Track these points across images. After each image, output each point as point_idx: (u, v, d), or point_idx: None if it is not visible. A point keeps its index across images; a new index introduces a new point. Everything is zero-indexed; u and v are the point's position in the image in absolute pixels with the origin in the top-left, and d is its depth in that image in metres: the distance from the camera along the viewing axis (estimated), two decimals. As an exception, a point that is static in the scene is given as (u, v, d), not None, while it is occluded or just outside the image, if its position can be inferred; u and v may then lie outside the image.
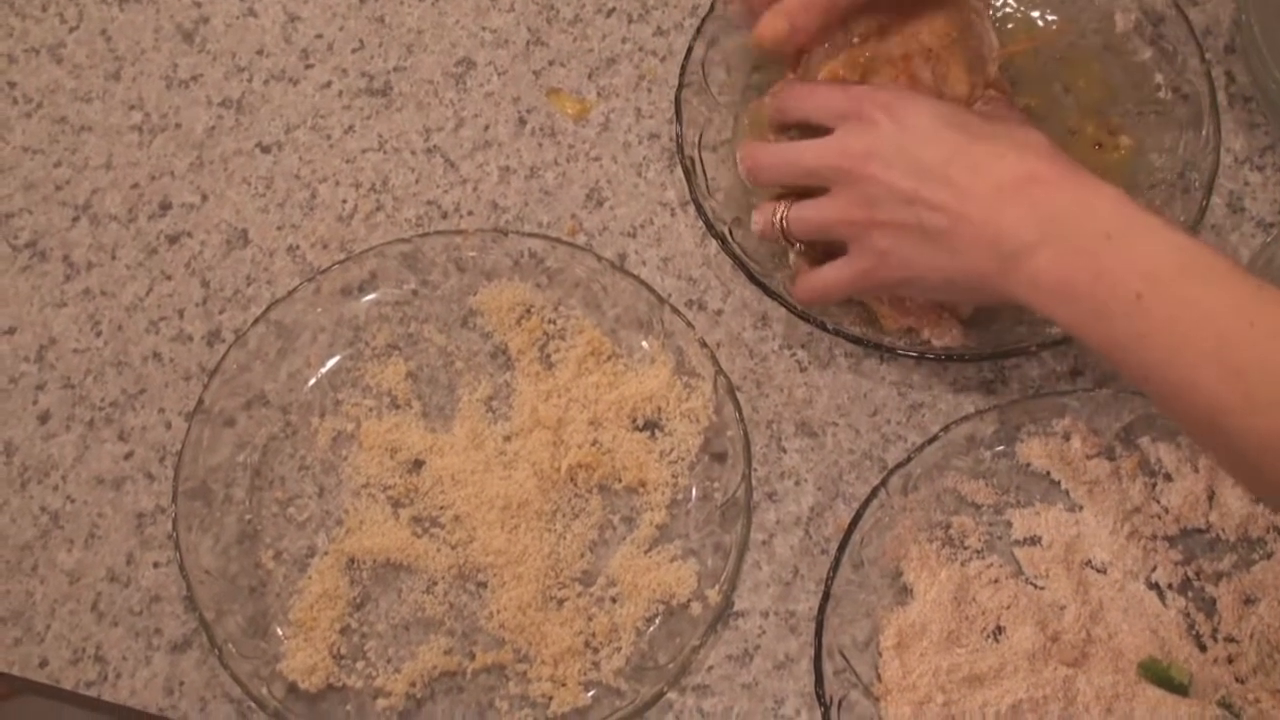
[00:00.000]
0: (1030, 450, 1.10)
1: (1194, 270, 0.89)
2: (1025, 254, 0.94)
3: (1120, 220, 0.92)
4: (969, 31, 1.10)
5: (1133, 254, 0.90)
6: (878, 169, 1.00)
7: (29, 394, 1.21)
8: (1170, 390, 0.89)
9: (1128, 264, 0.90)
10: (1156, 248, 0.90)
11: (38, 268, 1.26)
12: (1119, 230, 0.91)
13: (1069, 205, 0.94)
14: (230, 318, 1.22)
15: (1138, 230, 0.92)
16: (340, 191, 1.26)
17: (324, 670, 1.07)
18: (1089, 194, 0.94)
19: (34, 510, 1.16)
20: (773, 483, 1.12)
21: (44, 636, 1.12)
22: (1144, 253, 0.90)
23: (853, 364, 1.16)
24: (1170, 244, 0.91)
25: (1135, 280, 0.89)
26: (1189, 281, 0.89)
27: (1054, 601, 1.05)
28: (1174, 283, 0.89)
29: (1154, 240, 0.91)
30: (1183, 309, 0.88)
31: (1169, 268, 0.89)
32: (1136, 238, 0.91)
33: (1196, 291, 0.88)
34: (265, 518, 1.13)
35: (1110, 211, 0.93)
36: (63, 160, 1.30)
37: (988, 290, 0.98)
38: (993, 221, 0.95)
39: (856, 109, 1.03)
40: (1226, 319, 0.87)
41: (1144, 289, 0.89)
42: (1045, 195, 0.95)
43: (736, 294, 1.19)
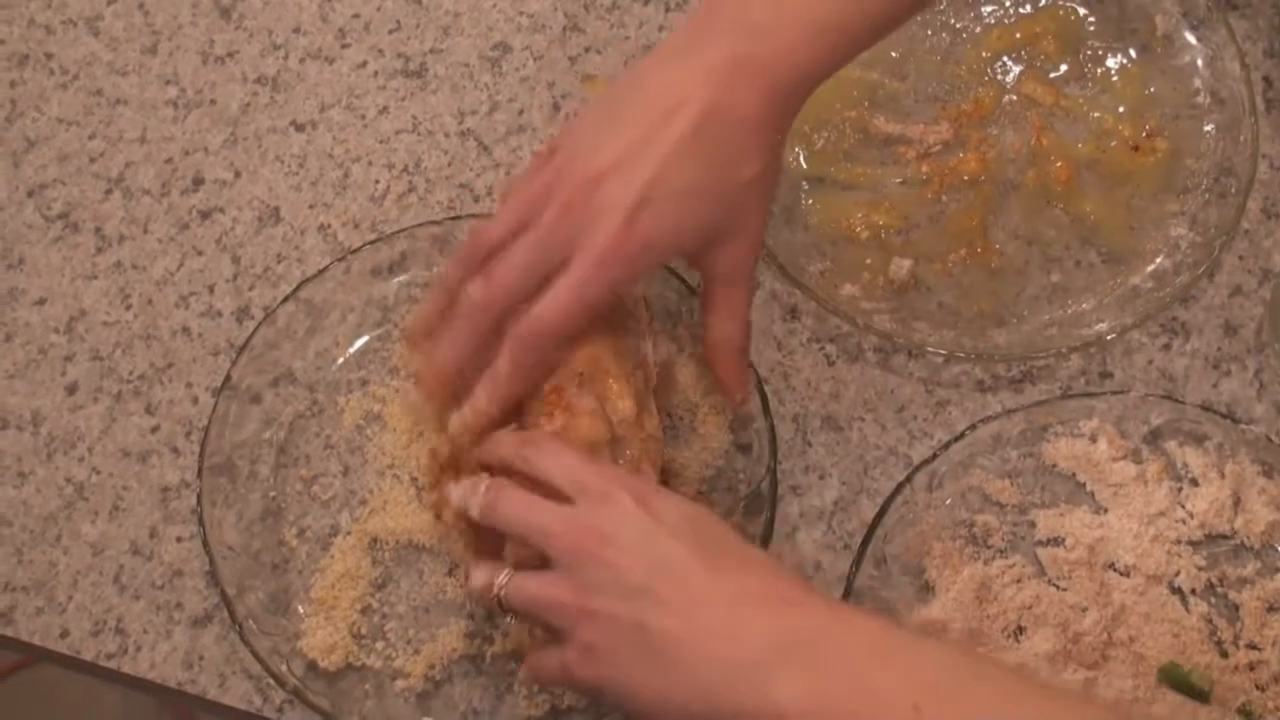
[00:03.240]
0: (1056, 451, 1.09)
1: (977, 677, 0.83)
2: (770, 672, 0.82)
3: (888, 638, 0.85)
4: (622, 345, 1.04)
5: (907, 667, 0.82)
6: (612, 554, 0.88)
7: (58, 365, 1.21)
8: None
9: (901, 678, 0.81)
10: (933, 659, 0.84)
11: (70, 239, 1.26)
12: (888, 647, 0.84)
13: (824, 625, 0.84)
14: (260, 295, 1.22)
15: (909, 646, 0.85)
16: (373, 172, 1.27)
17: (343, 649, 1.07)
18: (848, 615, 0.88)
19: (59, 481, 1.17)
20: (797, 476, 1.12)
21: (66, 607, 1.13)
22: (920, 664, 0.83)
23: (881, 359, 1.16)
24: (945, 656, 0.85)
25: (911, 693, 0.80)
26: (974, 688, 0.81)
27: (1076, 603, 1.05)
28: (957, 690, 0.81)
29: (929, 654, 0.85)
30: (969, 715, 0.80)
31: (948, 678, 0.82)
32: (910, 652, 0.84)
33: (984, 692, 0.81)
34: (289, 495, 1.13)
35: (876, 630, 0.86)
36: (97, 133, 1.31)
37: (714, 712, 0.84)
38: (732, 633, 0.84)
39: (605, 488, 0.92)
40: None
41: (922, 701, 0.79)
42: (796, 614, 0.85)
43: (766, 286, 1.19)
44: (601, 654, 0.88)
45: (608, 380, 1.01)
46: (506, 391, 0.99)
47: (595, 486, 0.92)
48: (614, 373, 1.01)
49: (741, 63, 0.96)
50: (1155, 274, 1.15)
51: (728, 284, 1.03)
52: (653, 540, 0.88)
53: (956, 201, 1.20)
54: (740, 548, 0.91)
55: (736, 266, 1.02)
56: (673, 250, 0.99)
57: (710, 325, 1.04)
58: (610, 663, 0.88)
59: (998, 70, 1.24)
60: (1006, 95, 1.23)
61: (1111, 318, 1.12)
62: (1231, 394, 1.13)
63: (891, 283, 1.16)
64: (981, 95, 1.23)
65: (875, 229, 1.19)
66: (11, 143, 1.31)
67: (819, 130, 1.22)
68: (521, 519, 0.94)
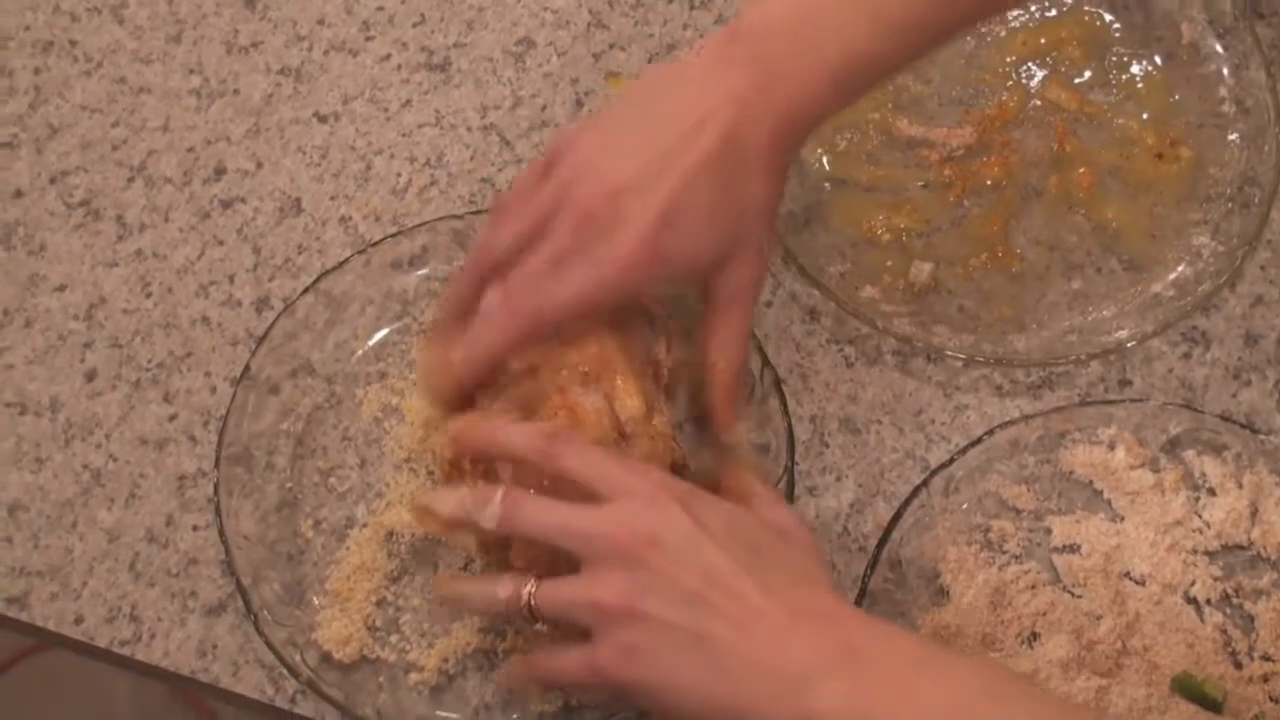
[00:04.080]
0: (1074, 458, 1.09)
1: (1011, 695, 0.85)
2: (813, 684, 0.84)
3: (929, 652, 0.88)
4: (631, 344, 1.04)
5: (946, 680, 0.84)
6: (661, 557, 0.88)
7: (77, 352, 1.21)
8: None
9: (940, 689, 0.84)
10: (970, 674, 0.86)
11: (91, 226, 1.26)
12: (928, 661, 0.86)
13: (868, 639, 0.86)
14: (280, 285, 1.22)
15: (948, 661, 0.88)
16: (395, 165, 1.27)
17: (358, 641, 1.07)
18: (887, 629, 0.90)
19: (76, 467, 1.17)
20: (814, 477, 1.12)
21: (80, 593, 1.13)
22: (958, 678, 0.85)
23: (900, 362, 1.16)
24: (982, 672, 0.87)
25: (948, 704, 0.83)
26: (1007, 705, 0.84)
27: (1090, 611, 1.05)
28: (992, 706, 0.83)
29: (966, 669, 0.87)
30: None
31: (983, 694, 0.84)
32: (948, 667, 0.86)
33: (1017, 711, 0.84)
34: (306, 487, 1.13)
35: (916, 645, 0.89)
36: (120, 120, 1.31)
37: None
38: (782, 644, 0.85)
39: (649, 491, 0.92)
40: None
41: (957, 712, 0.83)
42: (843, 629, 0.87)
43: (786, 287, 1.19)
44: (644, 656, 0.88)
45: (614, 379, 1.01)
46: (484, 349, 1.00)
47: (639, 489, 0.92)
48: (621, 371, 1.02)
49: (758, 93, 0.98)
50: (1176, 282, 1.15)
51: (730, 305, 1.03)
52: (702, 548, 0.89)
53: (978, 205, 1.20)
54: (781, 557, 0.92)
55: (741, 288, 1.03)
56: (688, 266, 1.00)
57: (711, 347, 1.04)
58: (652, 665, 0.88)
59: (1022, 75, 1.24)
60: (1030, 100, 1.23)
61: (1132, 325, 1.12)
62: (1251, 404, 1.12)
63: (912, 286, 1.17)
64: (1005, 100, 1.23)
65: (896, 231, 1.19)
66: (34, 129, 1.31)
67: (842, 132, 1.22)
68: (554, 524, 0.93)
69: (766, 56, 0.99)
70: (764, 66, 0.99)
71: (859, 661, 0.84)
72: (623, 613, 0.88)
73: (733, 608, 0.86)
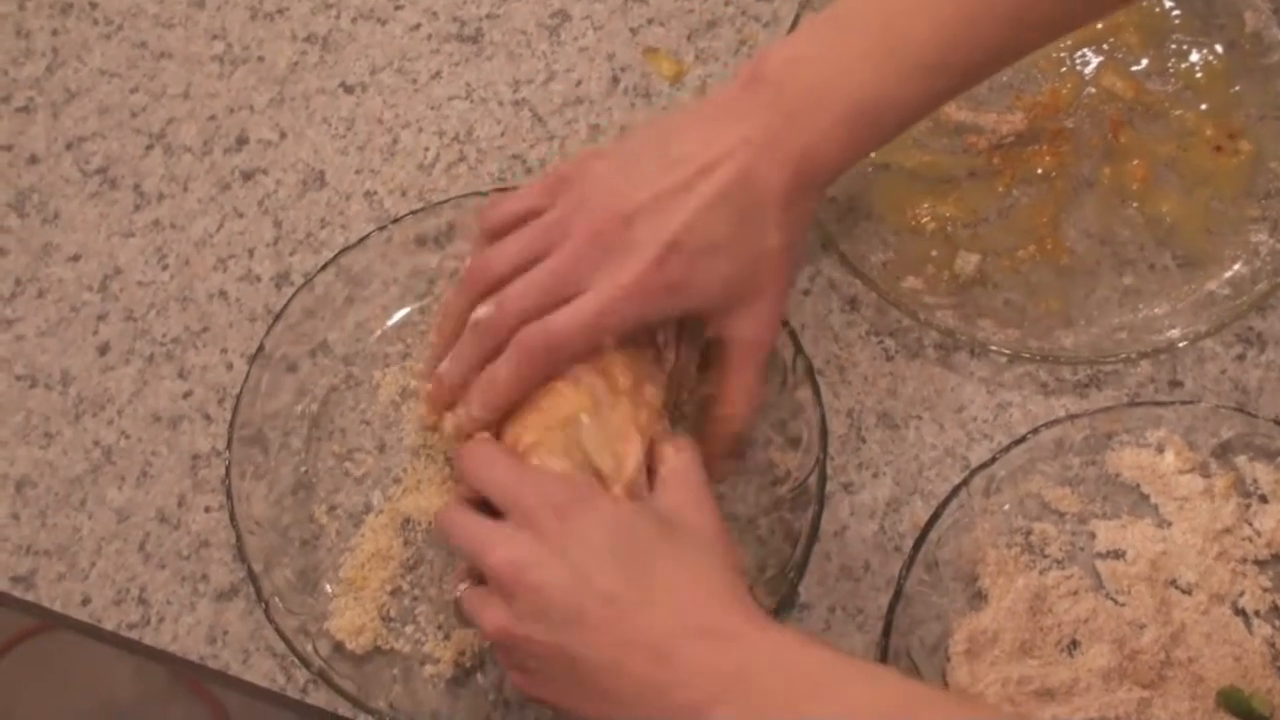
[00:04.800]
0: (1121, 460, 1.09)
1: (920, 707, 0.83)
2: (701, 712, 0.83)
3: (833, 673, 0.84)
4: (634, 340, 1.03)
5: (846, 705, 0.82)
6: (536, 579, 0.89)
7: (90, 324, 1.22)
8: None
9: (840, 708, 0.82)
10: (872, 689, 0.83)
11: (107, 195, 1.27)
12: (830, 683, 0.84)
13: (764, 659, 0.84)
14: (301, 260, 1.22)
15: (855, 682, 0.84)
16: (423, 139, 1.27)
17: (372, 631, 1.07)
18: (792, 647, 0.86)
19: (86, 444, 1.17)
20: (850, 473, 1.12)
21: (88, 574, 1.13)
22: (862, 703, 0.82)
23: (942, 356, 1.15)
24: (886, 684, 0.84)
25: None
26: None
27: (1134, 619, 1.04)
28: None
29: (869, 683, 0.84)
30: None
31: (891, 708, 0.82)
32: (852, 689, 0.83)
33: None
34: (321, 470, 1.14)
35: (822, 664, 0.85)
36: (140, 86, 1.31)
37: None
38: (666, 669, 0.85)
39: (529, 505, 0.92)
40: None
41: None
42: (735, 649, 0.85)
43: (825, 275, 1.18)
44: (541, 678, 0.91)
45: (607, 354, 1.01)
46: (502, 399, 1.00)
47: (521, 503, 0.92)
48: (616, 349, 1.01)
49: (774, 140, 0.98)
50: (1232, 281, 1.14)
51: (743, 354, 1.03)
52: (579, 566, 0.88)
53: (1028, 195, 1.19)
54: (676, 567, 0.90)
55: (754, 337, 1.02)
56: (697, 297, 1.00)
57: (719, 399, 1.04)
58: (551, 687, 0.90)
59: (1077, 61, 1.23)
60: (1085, 87, 1.22)
61: (1184, 324, 1.12)
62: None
63: (956, 277, 1.16)
64: (1059, 86, 1.22)
65: (942, 220, 1.18)
66: (51, 93, 1.32)
67: (888, 116, 1.22)
68: (459, 539, 0.95)
69: (782, 101, 0.99)
70: (779, 111, 0.99)
71: (748, 686, 0.83)
72: (504, 637, 0.91)
73: (608, 630, 0.86)
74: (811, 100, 0.99)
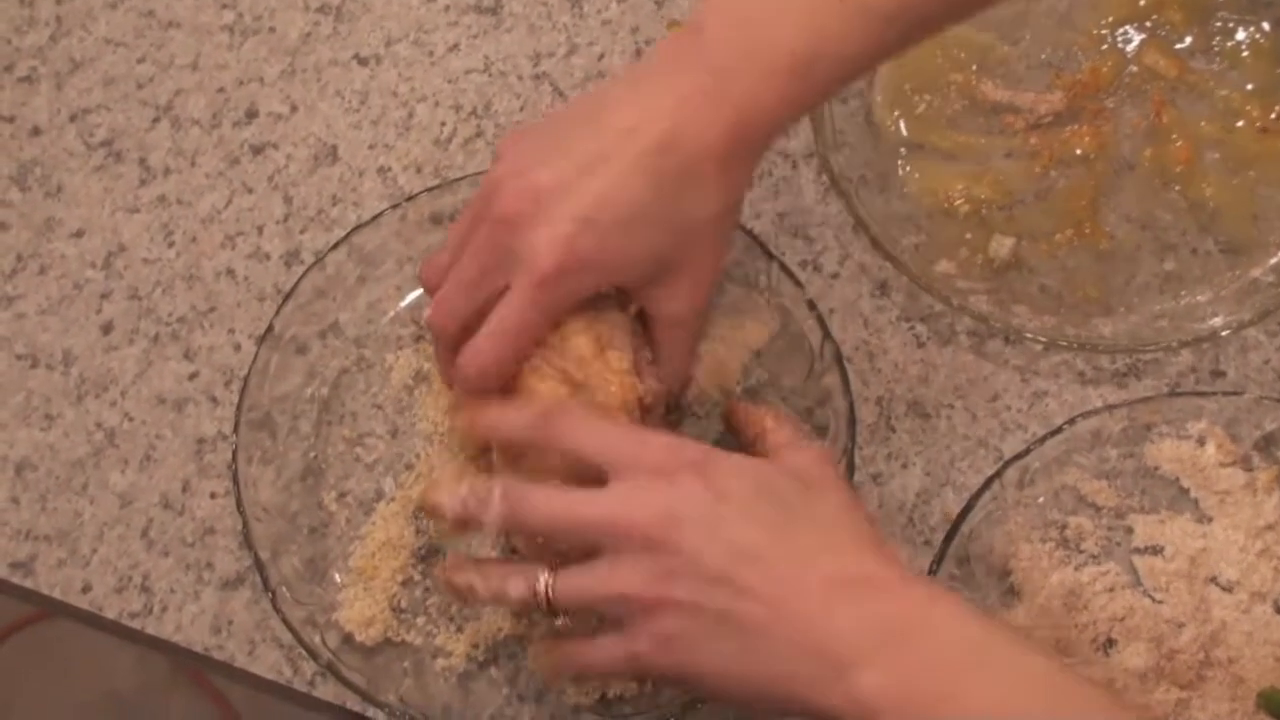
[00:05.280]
0: (1160, 453, 1.08)
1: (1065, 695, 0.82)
2: (854, 666, 0.82)
3: (988, 640, 0.84)
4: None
5: (1002, 679, 0.82)
6: (682, 538, 0.86)
7: (93, 302, 1.21)
8: None
9: (994, 689, 0.81)
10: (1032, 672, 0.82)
11: (112, 169, 1.26)
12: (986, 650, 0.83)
13: (918, 615, 0.84)
14: (311, 238, 1.22)
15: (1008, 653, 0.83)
16: (439, 113, 1.26)
17: (382, 623, 1.07)
18: (945, 605, 0.85)
19: (89, 426, 1.17)
20: (878, 463, 1.11)
21: (89, 560, 1.13)
22: (1017, 678, 0.82)
23: (975, 344, 1.15)
24: (1045, 671, 0.83)
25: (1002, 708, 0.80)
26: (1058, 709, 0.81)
27: (1172, 618, 1.04)
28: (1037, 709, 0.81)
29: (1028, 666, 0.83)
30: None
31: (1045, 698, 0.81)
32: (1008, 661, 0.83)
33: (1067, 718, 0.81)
34: (331, 456, 1.13)
35: (975, 628, 0.84)
36: (147, 56, 1.31)
37: (791, 703, 0.85)
38: (820, 623, 0.84)
39: (659, 462, 0.90)
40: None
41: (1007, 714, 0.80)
42: (881, 601, 0.85)
43: (855, 258, 1.18)
44: (682, 642, 0.87)
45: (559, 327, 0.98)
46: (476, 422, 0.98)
47: (648, 460, 0.90)
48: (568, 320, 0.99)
49: (710, 96, 0.95)
50: (1277, 267, 1.14)
51: (669, 327, 1.01)
52: (724, 522, 0.87)
53: (1066, 178, 1.19)
54: (816, 516, 0.90)
55: (680, 309, 1.00)
56: (614, 275, 0.97)
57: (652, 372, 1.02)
58: (691, 651, 0.87)
59: (1118, 38, 1.23)
60: (1127, 66, 1.22)
61: (1227, 312, 1.11)
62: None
63: (991, 262, 1.16)
64: (1099, 64, 1.21)
65: (976, 203, 1.18)
66: (55, 62, 1.32)
67: (921, 93, 1.21)
68: (562, 516, 0.91)
69: (716, 54, 0.95)
70: (714, 66, 0.95)
71: (906, 643, 0.83)
72: (652, 602, 0.87)
73: (765, 584, 0.85)
74: (748, 51, 0.95)
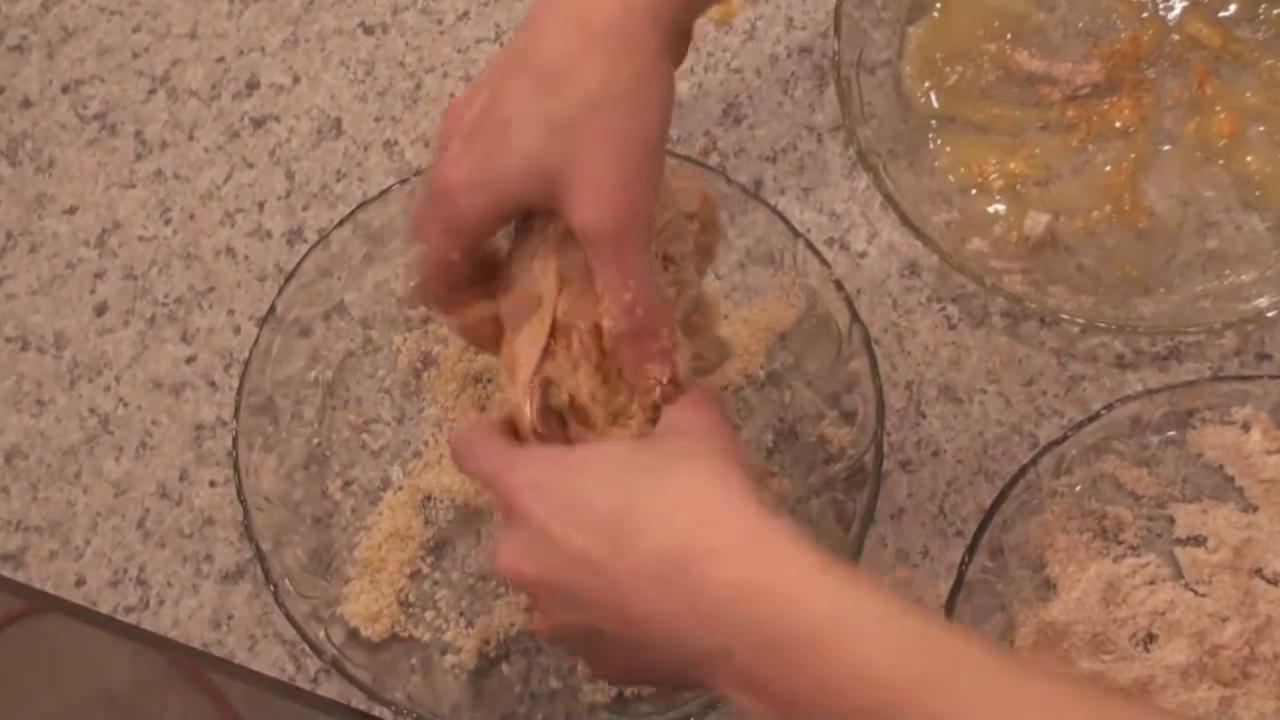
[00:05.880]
0: (1203, 439, 1.08)
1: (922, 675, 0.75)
2: (712, 657, 0.79)
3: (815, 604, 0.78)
4: None
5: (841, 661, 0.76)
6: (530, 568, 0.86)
7: (86, 282, 1.21)
8: None
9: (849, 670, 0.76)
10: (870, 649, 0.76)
11: (106, 142, 1.26)
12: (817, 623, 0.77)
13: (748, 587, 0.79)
14: (315, 215, 1.22)
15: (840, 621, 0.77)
16: (448, 84, 1.26)
17: (389, 618, 1.07)
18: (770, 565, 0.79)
19: (82, 411, 1.17)
20: (908, 450, 1.11)
21: (83, 552, 1.13)
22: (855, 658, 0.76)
23: (1009, 325, 1.15)
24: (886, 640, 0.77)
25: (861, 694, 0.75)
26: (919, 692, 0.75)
27: (1216, 612, 1.04)
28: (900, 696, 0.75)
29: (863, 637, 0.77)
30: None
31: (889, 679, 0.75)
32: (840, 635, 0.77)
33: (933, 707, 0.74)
34: (336, 442, 1.13)
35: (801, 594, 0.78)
36: (142, 25, 1.31)
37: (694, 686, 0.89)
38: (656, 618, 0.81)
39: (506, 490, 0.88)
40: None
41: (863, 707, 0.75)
42: (713, 575, 0.79)
43: (884, 236, 1.18)
44: (596, 656, 0.89)
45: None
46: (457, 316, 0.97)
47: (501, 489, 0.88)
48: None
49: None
50: (1326, 245, 1.13)
51: (586, 246, 0.91)
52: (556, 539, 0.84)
53: (1104, 152, 1.19)
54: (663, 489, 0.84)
55: (586, 220, 0.89)
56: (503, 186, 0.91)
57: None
58: (606, 659, 0.88)
59: (1160, 6, 1.22)
60: (1168, 35, 1.21)
61: (1274, 292, 1.11)
62: (1406, 386, 1.11)
63: (1026, 239, 1.16)
64: (1140, 33, 1.21)
65: (1010, 178, 1.18)
66: (47, 31, 1.31)
67: (953, 64, 1.21)
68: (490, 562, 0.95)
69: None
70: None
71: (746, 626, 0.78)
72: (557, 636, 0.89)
73: (608, 591, 0.82)
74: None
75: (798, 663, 0.76)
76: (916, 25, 1.20)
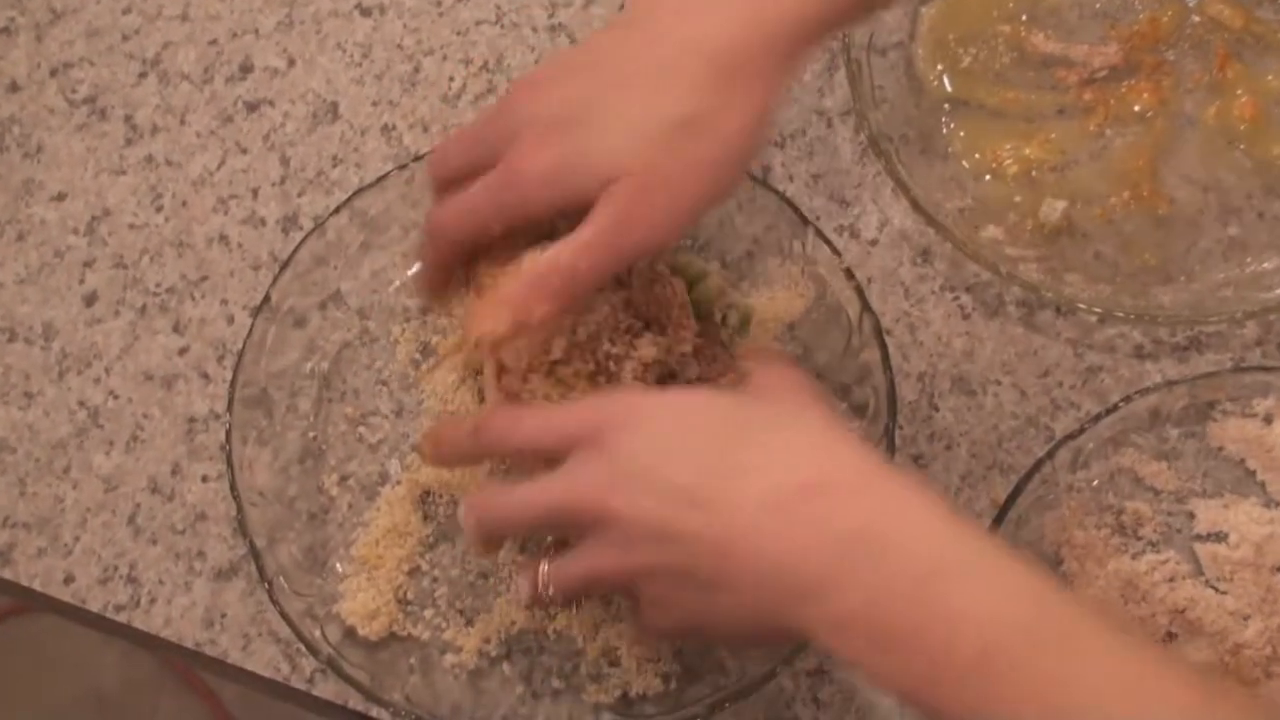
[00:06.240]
0: (1224, 432, 1.08)
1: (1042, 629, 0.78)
2: (821, 593, 0.80)
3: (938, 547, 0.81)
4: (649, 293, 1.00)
5: (962, 601, 0.78)
6: (620, 502, 0.86)
7: (75, 271, 1.21)
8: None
9: (957, 615, 0.78)
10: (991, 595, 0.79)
11: (95, 127, 1.26)
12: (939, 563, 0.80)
13: (870, 525, 0.81)
14: (310, 202, 1.22)
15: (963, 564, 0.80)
16: (447, 67, 1.26)
17: (387, 616, 1.07)
18: (893, 506, 0.82)
19: (71, 404, 1.17)
20: (920, 444, 1.11)
21: (72, 549, 1.13)
22: (975, 600, 0.79)
23: (1024, 315, 1.14)
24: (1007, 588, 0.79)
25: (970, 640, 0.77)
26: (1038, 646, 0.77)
27: (1237, 610, 1.04)
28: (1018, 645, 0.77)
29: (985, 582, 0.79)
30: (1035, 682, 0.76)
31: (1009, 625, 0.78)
32: (963, 577, 0.79)
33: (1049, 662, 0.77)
34: (332, 436, 1.13)
35: (924, 535, 0.81)
36: (133, 7, 1.31)
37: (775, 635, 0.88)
38: (767, 551, 0.82)
39: (582, 431, 0.89)
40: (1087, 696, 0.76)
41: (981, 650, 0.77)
42: (835, 511, 0.82)
43: (896, 223, 1.18)
44: (666, 602, 0.88)
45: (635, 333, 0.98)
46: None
47: (575, 432, 0.89)
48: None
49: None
50: (1351, 232, 1.13)
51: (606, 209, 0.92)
52: (657, 470, 0.86)
53: (1122, 136, 1.19)
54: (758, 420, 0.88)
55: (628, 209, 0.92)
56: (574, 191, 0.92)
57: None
58: (677, 605, 0.88)
59: (1180, -15, 1.22)
60: (1188, 16, 1.21)
61: (1297, 281, 1.11)
62: None
63: (1041, 227, 1.16)
64: (1159, 14, 1.21)
65: (1026, 163, 1.18)
66: (35, 13, 1.31)
67: (966, 46, 1.21)
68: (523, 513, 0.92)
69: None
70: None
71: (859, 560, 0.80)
72: (628, 576, 0.88)
73: (708, 527, 0.84)
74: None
75: (915, 598, 0.79)
76: (929, 6, 1.19)
